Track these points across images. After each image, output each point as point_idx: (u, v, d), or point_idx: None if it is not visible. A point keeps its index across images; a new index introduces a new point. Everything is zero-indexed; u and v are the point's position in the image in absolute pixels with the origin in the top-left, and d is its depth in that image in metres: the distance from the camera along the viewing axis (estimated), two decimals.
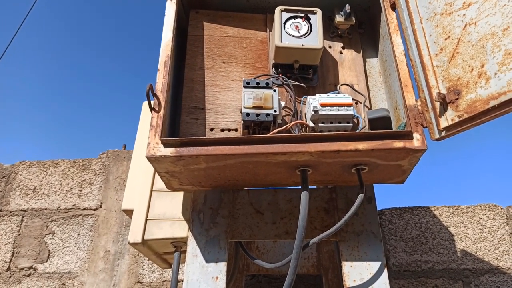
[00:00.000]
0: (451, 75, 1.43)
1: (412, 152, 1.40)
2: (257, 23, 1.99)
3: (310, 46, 1.73)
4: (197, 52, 1.88)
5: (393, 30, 1.64)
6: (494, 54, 1.30)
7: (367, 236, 1.65)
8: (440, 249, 2.53)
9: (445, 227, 2.59)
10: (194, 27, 1.93)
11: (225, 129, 1.73)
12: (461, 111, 1.37)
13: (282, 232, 1.71)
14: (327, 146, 1.39)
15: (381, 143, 1.39)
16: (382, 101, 1.88)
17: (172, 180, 1.60)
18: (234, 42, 1.93)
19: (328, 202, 1.76)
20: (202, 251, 1.65)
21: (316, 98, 1.64)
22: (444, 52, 1.47)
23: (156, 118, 1.49)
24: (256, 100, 1.56)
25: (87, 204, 2.93)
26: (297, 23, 1.79)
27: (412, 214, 2.65)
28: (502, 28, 1.29)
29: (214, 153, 1.41)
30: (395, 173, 1.56)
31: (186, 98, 1.78)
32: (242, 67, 1.87)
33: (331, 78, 1.90)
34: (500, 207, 2.67)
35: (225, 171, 1.53)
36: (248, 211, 1.76)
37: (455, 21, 1.45)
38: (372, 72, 1.97)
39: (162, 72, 1.58)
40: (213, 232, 1.69)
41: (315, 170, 1.52)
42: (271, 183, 1.67)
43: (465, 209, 2.67)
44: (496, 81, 1.28)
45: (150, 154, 1.42)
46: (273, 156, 1.42)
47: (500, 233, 2.56)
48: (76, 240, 2.82)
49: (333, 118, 1.63)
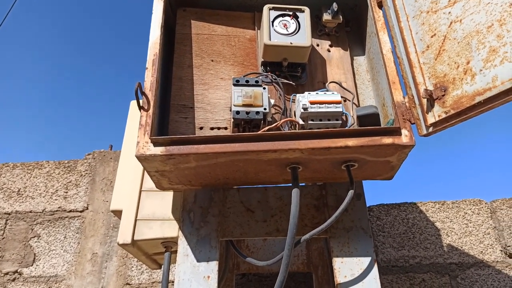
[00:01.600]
0: (437, 72, 1.45)
1: (401, 148, 1.42)
2: (245, 21, 1.99)
3: (298, 44, 1.74)
4: (185, 50, 1.87)
5: (380, 28, 1.66)
6: (479, 51, 1.32)
7: (357, 232, 1.67)
8: (427, 244, 2.57)
9: (431, 223, 2.63)
10: (182, 25, 1.92)
11: (214, 128, 1.73)
12: (447, 107, 1.39)
13: (273, 229, 1.71)
14: (317, 143, 1.40)
15: (370, 139, 1.40)
16: (370, 98, 1.90)
17: (162, 179, 1.59)
18: (222, 40, 1.92)
19: (318, 199, 1.77)
20: (193, 250, 1.64)
21: (305, 96, 1.65)
22: (430, 49, 1.49)
23: (145, 116, 1.47)
24: (246, 98, 1.56)
25: (73, 206, 2.88)
26: (285, 21, 1.80)
27: (399, 210, 2.69)
28: (487, 25, 1.31)
29: (204, 152, 1.40)
30: (384, 169, 1.58)
31: (174, 96, 1.77)
32: (230, 65, 1.87)
33: (319, 76, 1.91)
34: (484, 202, 2.73)
35: (215, 169, 1.52)
36: (239, 210, 1.75)
37: (440, 18, 1.47)
38: (360, 69, 1.99)
39: (150, 70, 1.57)
40: (204, 231, 1.69)
41: (305, 168, 1.53)
42: (261, 181, 1.67)
43: (451, 204, 2.72)
44: (481, 77, 1.30)
45: (139, 153, 1.40)
46: (264, 154, 1.42)
47: (484, 227, 2.61)
48: (63, 242, 2.77)
49: (322, 116, 1.64)
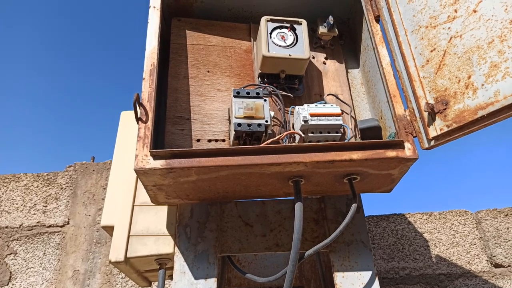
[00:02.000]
0: (438, 86, 1.47)
1: (404, 161, 1.42)
2: (240, 32, 1.97)
3: (297, 56, 1.73)
4: (180, 60, 1.82)
5: (378, 42, 1.68)
6: (480, 66, 1.35)
7: (357, 245, 1.65)
8: (416, 255, 2.60)
9: (420, 234, 2.66)
10: (177, 35, 1.88)
11: (212, 140, 1.68)
12: (449, 120, 1.41)
13: (273, 244, 1.67)
14: (321, 156, 1.38)
15: (374, 152, 1.40)
16: (366, 111, 1.91)
17: (159, 193, 1.53)
18: (218, 51, 1.89)
19: (317, 213, 1.75)
20: (190, 267, 1.58)
21: (305, 108, 1.64)
22: (430, 64, 1.51)
23: (143, 129, 1.41)
24: (247, 110, 1.53)
25: (53, 220, 2.74)
26: (283, 33, 1.79)
27: (388, 221, 2.71)
28: (487, 41, 1.34)
29: (206, 165, 1.35)
30: (385, 182, 1.58)
31: (170, 108, 1.72)
32: (227, 77, 1.84)
33: (316, 88, 1.90)
34: (470, 213, 2.79)
35: (216, 183, 1.48)
36: (237, 224, 1.71)
37: (440, 33, 1.50)
38: (354, 82, 2.00)
39: (148, 81, 1.52)
40: (201, 246, 1.63)
41: (307, 181, 1.51)
42: (261, 195, 1.63)
43: (438, 215, 2.76)
44: (483, 91, 1.33)
45: (138, 166, 1.34)
46: (268, 167, 1.39)
47: (470, 237, 2.67)
48: (41, 259, 2.62)
49: (322, 128, 1.63)
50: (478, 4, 1.39)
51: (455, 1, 1.47)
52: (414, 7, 1.61)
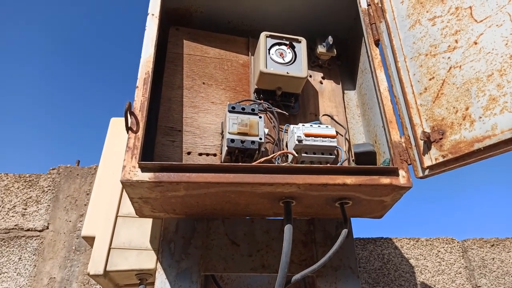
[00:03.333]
0: (435, 115, 1.46)
1: (398, 189, 1.40)
2: (238, 46, 1.95)
3: (295, 75, 1.71)
4: (176, 70, 1.79)
5: (377, 66, 1.67)
6: (479, 98, 1.34)
7: (345, 271, 1.62)
8: (402, 281, 2.57)
9: (406, 259, 2.63)
10: (174, 44, 1.85)
11: (203, 153, 1.64)
12: (445, 151, 1.39)
13: (259, 265, 1.63)
14: (315, 178, 1.35)
15: (368, 178, 1.37)
16: (360, 133, 1.89)
17: (145, 206, 1.47)
18: (215, 63, 1.86)
19: (306, 235, 1.71)
20: (171, 285, 1.52)
21: (300, 128, 1.61)
22: (428, 92, 1.50)
23: (133, 139, 1.37)
24: (242, 126, 1.49)
25: (32, 224, 2.65)
26: (282, 50, 1.77)
27: (375, 245, 2.68)
28: (487, 74, 1.34)
29: (196, 181, 1.31)
30: (376, 208, 1.55)
31: (162, 118, 1.67)
32: (222, 90, 1.81)
33: (312, 107, 1.88)
34: (456, 241, 2.78)
35: (204, 199, 1.43)
36: (223, 242, 1.66)
37: (439, 62, 1.49)
38: (350, 104, 1.99)
39: (141, 89, 1.48)
40: (185, 264, 1.57)
41: (298, 202, 1.47)
42: (250, 214, 1.59)
43: (425, 241, 2.75)
44: (480, 124, 1.32)
45: (125, 178, 1.29)
46: (259, 187, 1.35)
47: (456, 266, 2.65)
48: (17, 264, 2.52)
49: (316, 149, 1.60)
50: (479, 36, 1.39)
51: (456, 32, 1.47)
52: (414, 34, 1.61)
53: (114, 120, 1.93)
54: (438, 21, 1.54)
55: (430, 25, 1.56)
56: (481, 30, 1.39)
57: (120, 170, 1.30)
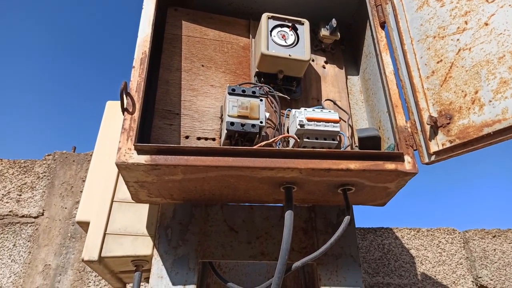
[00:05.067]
0: (442, 99, 1.41)
1: (403, 175, 1.35)
2: (239, 28, 1.89)
3: (297, 57, 1.65)
4: (174, 52, 1.73)
5: (382, 49, 1.61)
6: (489, 81, 1.29)
7: (346, 259, 1.58)
8: (402, 272, 2.54)
9: (406, 250, 2.60)
10: (172, 25, 1.78)
11: (201, 138, 1.59)
12: (452, 136, 1.34)
13: (258, 252, 1.58)
14: (317, 163, 1.30)
15: (373, 163, 1.32)
16: (363, 119, 1.84)
17: (141, 191, 1.42)
18: (214, 46, 1.80)
19: (307, 222, 1.67)
20: (168, 272, 1.48)
21: (302, 112, 1.56)
22: (435, 75, 1.45)
23: (129, 120, 1.31)
24: (242, 109, 1.44)
25: (27, 210, 2.60)
26: (284, 32, 1.71)
27: (376, 235, 2.65)
28: (498, 56, 1.29)
29: (194, 164, 1.26)
30: (380, 195, 1.51)
31: (160, 100, 1.62)
32: (222, 73, 1.75)
33: (314, 92, 1.83)
34: (457, 231, 2.75)
35: (202, 184, 1.39)
36: (221, 229, 1.61)
37: (448, 45, 1.43)
38: (353, 89, 1.93)
39: (138, 69, 1.42)
40: (182, 250, 1.53)
41: (300, 188, 1.43)
42: (250, 199, 1.55)
43: (426, 232, 2.71)
44: (490, 108, 1.27)
45: (120, 160, 1.24)
46: (259, 171, 1.30)
47: (457, 257, 2.62)
48: (11, 251, 2.48)
49: (319, 134, 1.55)
50: (491, 17, 1.34)
51: (466, 13, 1.41)
52: (422, 16, 1.55)
53: (110, 104, 1.87)
54: (447, 2, 1.48)
55: (439, 6, 1.50)
56: (493, 11, 1.34)
57: (115, 154, 1.25)
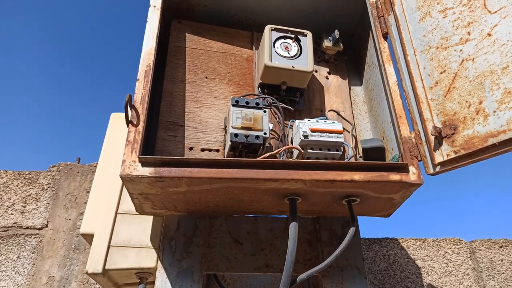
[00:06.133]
0: (446, 109, 1.40)
1: (408, 186, 1.35)
2: (242, 40, 1.90)
3: (300, 69, 1.66)
4: (178, 64, 1.74)
5: (385, 60, 1.61)
6: (493, 91, 1.29)
7: (352, 271, 1.56)
8: (408, 283, 2.51)
9: (412, 260, 2.58)
10: (176, 37, 1.80)
11: (205, 149, 1.59)
12: (457, 146, 1.34)
13: (262, 264, 1.57)
14: (322, 174, 1.30)
15: (377, 174, 1.32)
16: (367, 130, 1.84)
17: (145, 203, 1.43)
18: (218, 57, 1.81)
19: (311, 234, 1.66)
20: (172, 284, 1.47)
21: (305, 123, 1.56)
22: (439, 86, 1.45)
23: (133, 132, 1.32)
24: (246, 121, 1.44)
25: (31, 222, 2.60)
26: (287, 43, 1.72)
27: (381, 245, 2.62)
28: (502, 66, 1.29)
29: (198, 176, 1.26)
30: (385, 206, 1.50)
31: (164, 112, 1.63)
32: (226, 84, 1.76)
33: (317, 103, 1.83)
34: (464, 242, 2.72)
35: (207, 196, 1.38)
36: (226, 241, 1.61)
37: (451, 55, 1.44)
38: (356, 100, 1.94)
39: (142, 82, 1.43)
40: (186, 262, 1.52)
41: (304, 200, 1.42)
42: (254, 211, 1.54)
43: (431, 242, 2.69)
44: (495, 119, 1.26)
45: (125, 173, 1.24)
46: (263, 183, 1.30)
47: (464, 267, 2.59)
48: (15, 263, 2.47)
49: (323, 145, 1.55)
50: (493, 27, 1.34)
51: (469, 24, 1.42)
52: (424, 27, 1.55)
53: (115, 116, 1.88)
54: (449, 13, 1.49)
55: (441, 17, 1.51)
56: (495, 21, 1.34)
57: (120, 165, 1.26)
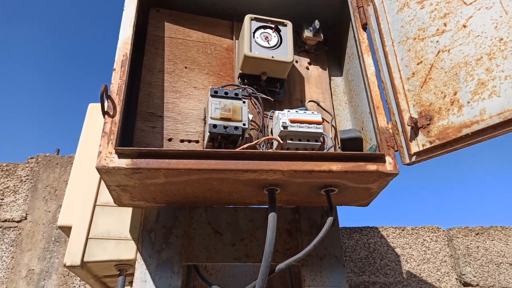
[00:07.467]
0: (423, 100, 1.42)
1: (384, 175, 1.36)
2: (223, 29, 1.88)
3: (280, 59, 1.65)
4: (156, 53, 1.72)
5: (364, 50, 1.62)
6: (467, 82, 1.31)
7: (330, 260, 1.59)
8: (387, 270, 2.56)
9: (392, 248, 2.63)
10: (154, 26, 1.77)
11: (185, 140, 1.58)
12: (432, 136, 1.36)
13: (242, 255, 1.58)
14: (300, 165, 1.31)
15: (355, 165, 1.33)
16: (347, 120, 1.85)
17: (123, 194, 1.41)
18: (197, 47, 1.79)
19: (291, 224, 1.67)
20: (152, 275, 1.47)
21: (285, 114, 1.56)
22: (416, 77, 1.47)
23: (109, 123, 1.30)
24: (224, 111, 1.44)
25: (9, 215, 2.56)
26: (267, 33, 1.71)
27: (361, 234, 2.67)
28: (476, 58, 1.31)
29: (176, 167, 1.25)
30: (362, 195, 1.52)
31: (142, 103, 1.61)
32: (205, 74, 1.74)
33: (298, 93, 1.83)
34: (442, 229, 2.79)
35: (185, 187, 1.38)
36: (206, 231, 1.61)
37: (428, 46, 1.45)
38: (337, 90, 1.94)
39: (118, 72, 1.40)
40: (166, 254, 1.52)
41: (283, 190, 1.43)
42: (233, 202, 1.54)
43: (410, 230, 2.74)
44: (469, 109, 1.29)
45: (101, 164, 1.23)
46: (242, 173, 1.30)
47: (441, 255, 2.66)
48: None
49: (302, 136, 1.56)
50: (468, 19, 1.36)
51: (445, 15, 1.43)
52: (403, 18, 1.56)
53: (92, 106, 1.85)
54: (427, 4, 1.50)
55: (419, 8, 1.52)
56: (470, 13, 1.36)
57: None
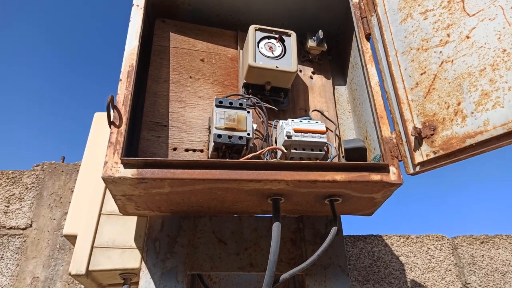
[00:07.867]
0: (426, 110, 1.43)
1: (388, 185, 1.37)
2: (227, 39, 1.90)
3: (284, 69, 1.67)
4: (161, 63, 1.74)
5: (368, 60, 1.63)
6: (471, 93, 1.31)
7: (334, 269, 1.59)
8: (392, 279, 2.55)
9: (396, 257, 2.62)
10: (160, 37, 1.79)
11: (189, 149, 1.60)
12: (436, 147, 1.36)
13: (246, 264, 1.59)
14: (304, 175, 1.31)
15: (358, 175, 1.34)
16: (350, 129, 1.86)
17: (128, 204, 1.42)
18: (202, 57, 1.81)
19: (295, 233, 1.68)
20: (156, 285, 1.47)
21: (289, 123, 1.57)
22: (419, 87, 1.47)
23: (116, 133, 1.31)
24: (229, 121, 1.45)
25: (15, 222, 2.57)
26: (271, 43, 1.73)
27: (365, 242, 2.66)
28: (479, 68, 1.31)
29: (181, 177, 1.26)
30: (366, 205, 1.52)
31: (147, 112, 1.62)
32: (210, 84, 1.76)
33: (302, 103, 1.84)
34: (446, 238, 2.77)
35: (190, 196, 1.39)
36: (210, 240, 1.61)
37: (431, 57, 1.46)
38: (340, 99, 1.95)
39: (124, 82, 1.42)
40: (170, 263, 1.53)
41: (287, 200, 1.43)
42: (237, 211, 1.55)
43: (415, 238, 2.73)
44: (472, 120, 1.29)
45: (107, 174, 1.24)
46: (246, 183, 1.31)
47: (446, 263, 2.64)
48: None
49: (306, 145, 1.57)
50: (472, 30, 1.37)
51: (448, 26, 1.44)
52: (406, 28, 1.58)
53: (98, 115, 1.87)
54: (430, 15, 1.51)
55: (422, 18, 1.53)
56: (474, 24, 1.37)
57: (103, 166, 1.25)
